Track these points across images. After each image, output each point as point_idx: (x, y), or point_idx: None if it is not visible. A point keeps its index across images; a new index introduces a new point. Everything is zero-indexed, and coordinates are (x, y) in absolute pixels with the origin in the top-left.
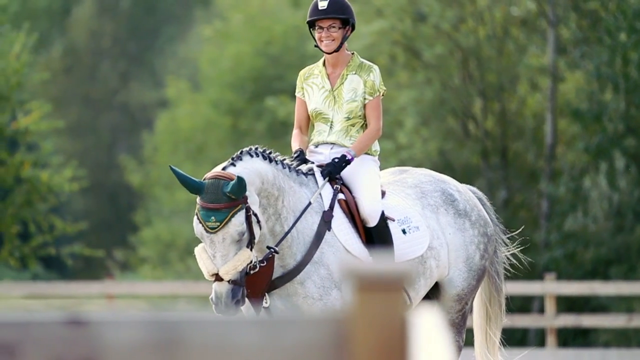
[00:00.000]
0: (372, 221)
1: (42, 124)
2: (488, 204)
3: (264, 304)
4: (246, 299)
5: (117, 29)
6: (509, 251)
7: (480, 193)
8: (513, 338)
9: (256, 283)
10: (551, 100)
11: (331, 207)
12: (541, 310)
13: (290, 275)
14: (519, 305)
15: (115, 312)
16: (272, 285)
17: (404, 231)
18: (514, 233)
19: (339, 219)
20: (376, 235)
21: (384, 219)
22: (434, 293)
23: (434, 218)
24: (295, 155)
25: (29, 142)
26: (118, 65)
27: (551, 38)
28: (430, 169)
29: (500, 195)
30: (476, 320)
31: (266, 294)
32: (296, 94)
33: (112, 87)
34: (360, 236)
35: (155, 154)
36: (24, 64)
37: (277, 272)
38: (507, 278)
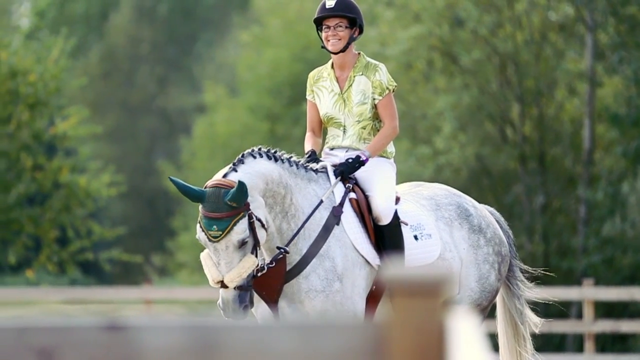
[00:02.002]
0: (385, 219)
1: (80, 129)
2: (505, 225)
3: None
4: (263, 302)
5: (155, 34)
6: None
7: (497, 214)
8: (551, 343)
9: (270, 284)
10: (589, 105)
11: (341, 203)
12: (579, 315)
13: (297, 268)
14: (557, 310)
15: (153, 317)
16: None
17: (415, 237)
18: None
19: (349, 217)
20: (387, 235)
21: (397, 218)
22: None
23: (447, 231)
24: (307, 155)
25: (67, 147)
26: (156, 71)
27: (589, 43)
28: (468, 174)
29: (538, 201)
30: (502, 340)
31: None
32: (307, 96)
33: (150, 93)
34: (369, 237)
35: (193, 159)
36: (62, 69)
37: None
38: (544, 283)
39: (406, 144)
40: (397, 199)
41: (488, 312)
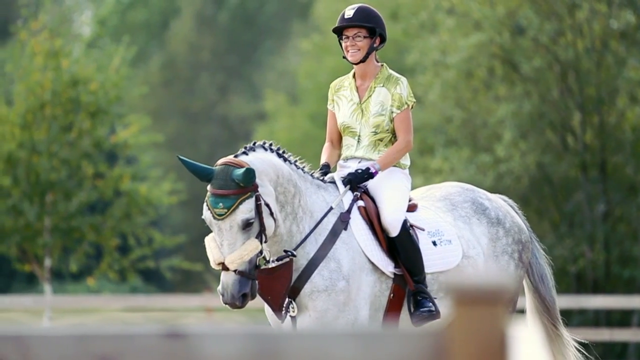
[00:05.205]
0: (393, 231)
1: (141, 137)
2: (520, 213)
3: (291, 313)
4: (268, 307)
5: (215, 42)
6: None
7: (510, 201)
8: (613, 352)
9: (275, 289)
10: None
11: (349, 210)
12: None
13: (306, 273)
14: (619, 319)
15: (214, 325)
16: (294, 289)
17: (434, 243)
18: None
19: (358, 224)
20: (400, 246)
21: (406, 229)
22: None
23: (467, 229)
24: (320, 168)
25: (128, 155)
26: (217, 79)
27: None
28: (529, 182)
29: (599, 209)
30: (541, 337)
31: (293, 302)
32: (327, 106)
33: (210, 100)
34: (380, 244)
35: None
36: (123, 78)
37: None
38: (606, 292)
39: (467, 152)
40: (415, 207)
41: (516, 303)
